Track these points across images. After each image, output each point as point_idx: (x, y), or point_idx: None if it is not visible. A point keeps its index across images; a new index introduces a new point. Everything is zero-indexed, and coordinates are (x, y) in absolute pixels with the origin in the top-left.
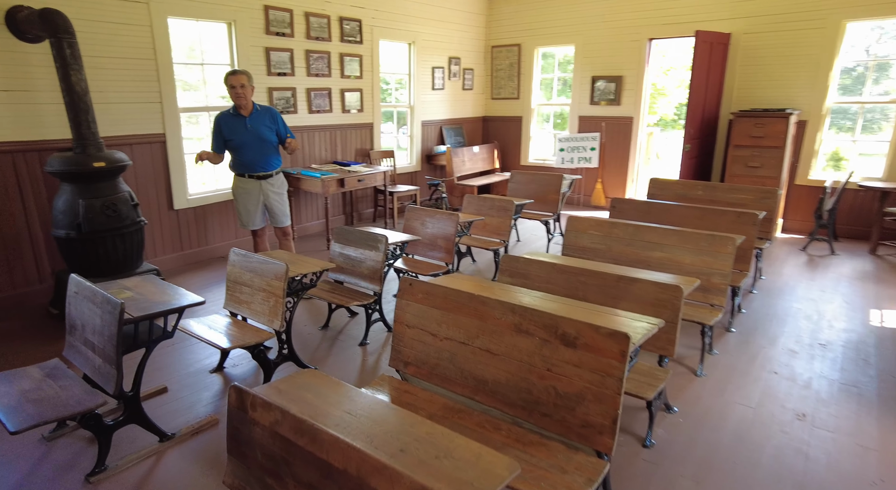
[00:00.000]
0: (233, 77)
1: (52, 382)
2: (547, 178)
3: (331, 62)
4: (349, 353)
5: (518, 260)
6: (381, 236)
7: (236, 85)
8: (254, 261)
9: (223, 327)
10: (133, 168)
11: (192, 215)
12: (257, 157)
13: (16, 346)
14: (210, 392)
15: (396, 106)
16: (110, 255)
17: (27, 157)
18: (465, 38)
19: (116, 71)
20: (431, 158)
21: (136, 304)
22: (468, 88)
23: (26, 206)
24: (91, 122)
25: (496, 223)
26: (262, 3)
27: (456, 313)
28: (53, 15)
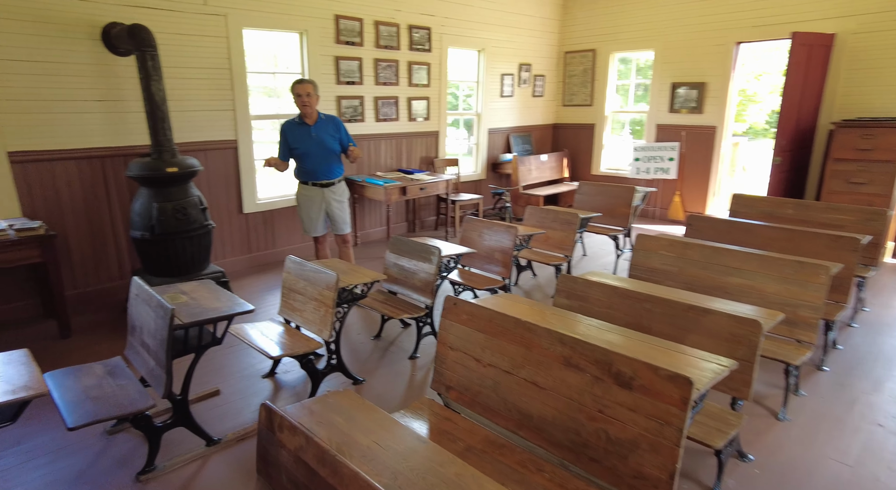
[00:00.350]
0: (299, 86)
1: (112, 381)
2: (617, 190)
3: (399, 71)
4: (398, 367)
5: (577, 281)
6: (435, 248)
7: (302, 93)
8: (307, 269)
9: (275, 334)
10: (206, 173)
11: (261, 219)
12: (320, 165)
13: (95, 338)
14: (259, 398)
15: (463, 114)
16: (179, 257)
17: (114, 161)
18: (537, 45)
19: (194, 80)
20: (497, 167)
21: (189, 310)
22: (538, 95)
23: (111, 207)
24: (167, 129)
25: (559, 237)
26: (333, 12)
27: (500, 339)
28: (140, 30)
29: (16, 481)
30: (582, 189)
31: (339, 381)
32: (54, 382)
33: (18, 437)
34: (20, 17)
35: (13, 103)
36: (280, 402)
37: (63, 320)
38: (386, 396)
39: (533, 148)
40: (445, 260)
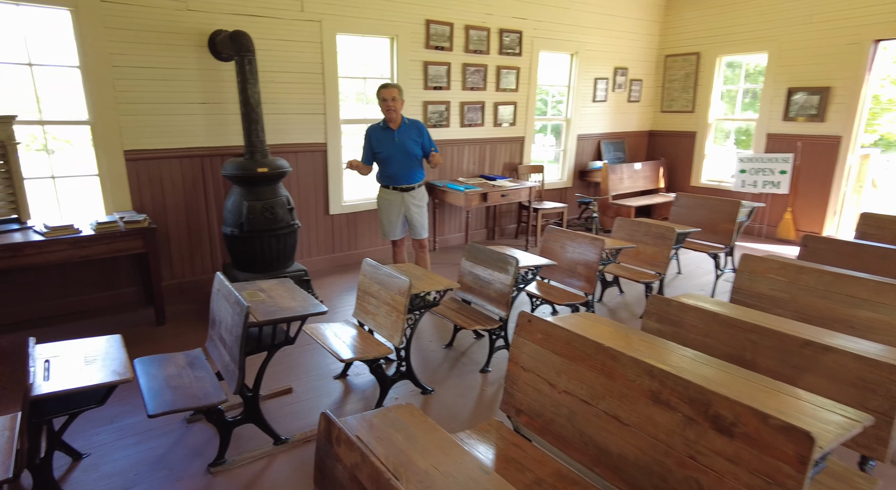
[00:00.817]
0: (384, 90)
1: (191, 372)
2: (720, 204)
3: (487, 75)
4: (468, 379)
5: (670, 304)
6: (512, 258)
7: (387, 98)
8: (382, 273)
9: (348, 336)
10: (296, 174)
11: (345, 220)
12: (402, 169)
13: (185, 327)
14: (330, 399)
15: (551, 119)
16: (265, 254)
17: (213, 160)
18: (635, 48)
19: (288, 85)
20: (585, 174)
21: (265, 308)
22: (634, 100)
23: (208, 204)
24: (260, 131)
25: (651, 252)
26: (425, 17)
27: (579, 364)
28: (240, 36)
29: (107, 458)
30: (679, 201)
31: (407, 388)
32: (142, 368)
33: (114, 415)
34: (143, 28)
35: (131, 106)
36: (348, 405)
37: (159, 308)
38: (453, 410)
39: (626, 155)
40: (523, 271)
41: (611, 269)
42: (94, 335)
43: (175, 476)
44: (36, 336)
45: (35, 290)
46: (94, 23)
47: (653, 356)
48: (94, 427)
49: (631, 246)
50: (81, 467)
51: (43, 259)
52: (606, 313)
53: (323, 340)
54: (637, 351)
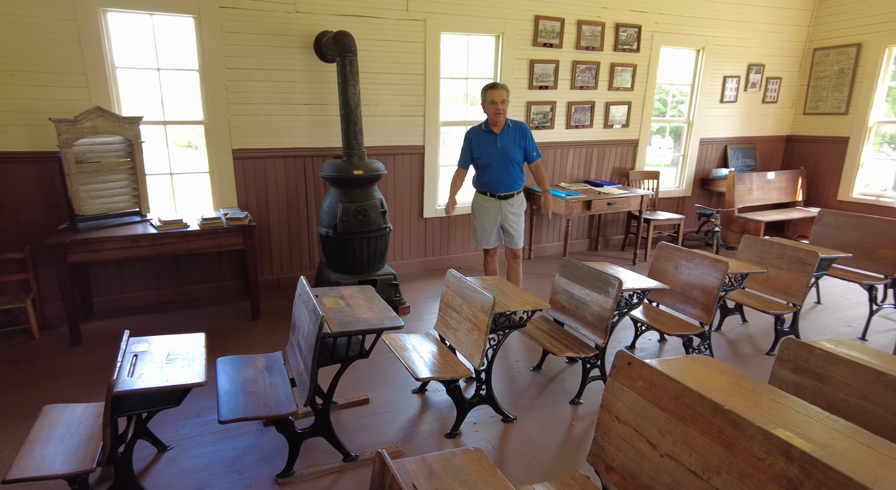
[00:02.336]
0: (494, 91)
1: (267, 377)
2: (880, 224)
3: (599, 73)
4: (556, 410)
5: (812, 351)
6: (615, 278)
7: (497, 100)
8: (466, 286)
9: (427, 351)
10: (392, 176)
11: (438, 225)
12: (502, 176)
13: (277, 324)
14: (406, 415)
15: (670, 121)
16: (356, 255)
17: (314, 161)
18: (775, 41)
19: (389, 86)
20: (707, 183)
21: (342, 317)
22: (770, 101)
23: (308, 203)
24: (358, 132)
25: (785, 279)
26: (534, 13)
27: (689, 425)
28: (343, 36)
29: (188, 453)
30: (824, 219)
31: (487, 413)
32: (222, 369)
33: (200, 409)
34: (254, 31)
35: (240, 106)
36: (423, 425)
37: (254, 304)
38: (535, 445)
39: (757, 163)
40: (627, 293)
41: (734, 296)
42: (196, 323)
43: (244, 482)
44: (148, 321)
45: (154, 278)
46: (213, 28)
47: (789, 424)
48: (182, 419)
49: (760, 271)
50: (164, 460)
51: (155, 251)
52: (725, 346)
53: (401, 353)
54: (767, 415)
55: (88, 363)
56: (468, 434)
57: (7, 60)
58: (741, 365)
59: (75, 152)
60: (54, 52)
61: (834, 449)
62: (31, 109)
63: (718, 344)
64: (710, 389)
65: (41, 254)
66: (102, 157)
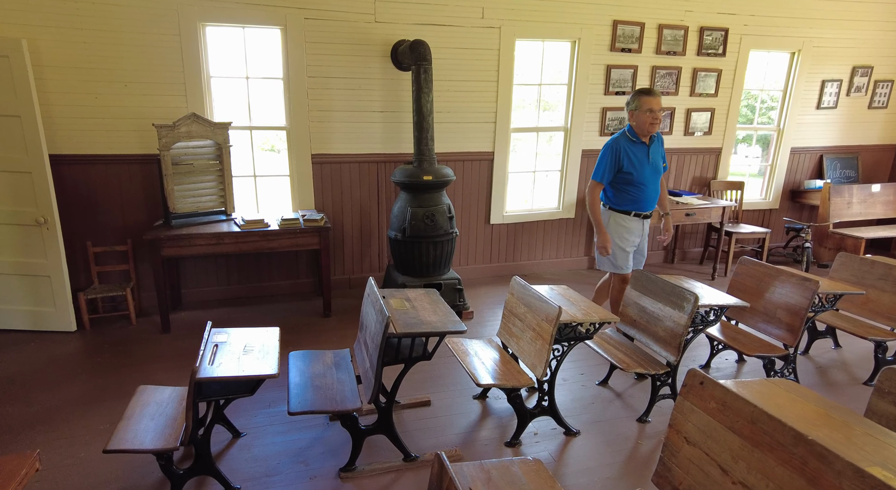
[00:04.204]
0: (653, 99)
1: (335, 373)
2: None
3: (680, 78)
4: (622, 427)
5: None
6: (690, 293)
7: (656, 108)
8: (530, 294)
9: (489, 358)
10: (461, 182)
11: (505, 231)
12: (652, 192)
13: (346, 322)
14: (467, 420)
15: (758, 128)
16: (423, 259)
17: (387, 166)
18: (884, 40)
19: (462, 93)
20: (798, 195)
21: (407, 319)
22: (878, 106)
23: (380, 207)
24: (430, 139)
25: (889, 302)
26: (612, 17)
27: (766, 453)
28: (419, 45)
29: (259, 441)
30: None
31: (549, 425)
32: (294, 363)
33: (272, 400)
34: (335, 40)
35: (320, 113)
36: (483, 431)
37: (326, 301)
38: (598, 461)
39: (859, 175)
40: (703, 309)
41: (825, 317)
42: (272, 317)
43: (309, 473)
44: (229, 314)
45: (236, 273)
46: (297, 38)
47: (888, 464)
48: (255, 408)
49: (859, 292)
50: (238, 445)
51: (238, 248)
52: (813, 371)
53: (463, 358)
54: (859, 449)
55: (176, 350)
56: (528, 444)
57: (123, 73)
58: (831, 393)
59: (172, 155)
60: (160, 64)
61: None
62: (140, 116)
63: (805, 369)
64: (792, 417)
65: (140, 247)
66: (195, 160)
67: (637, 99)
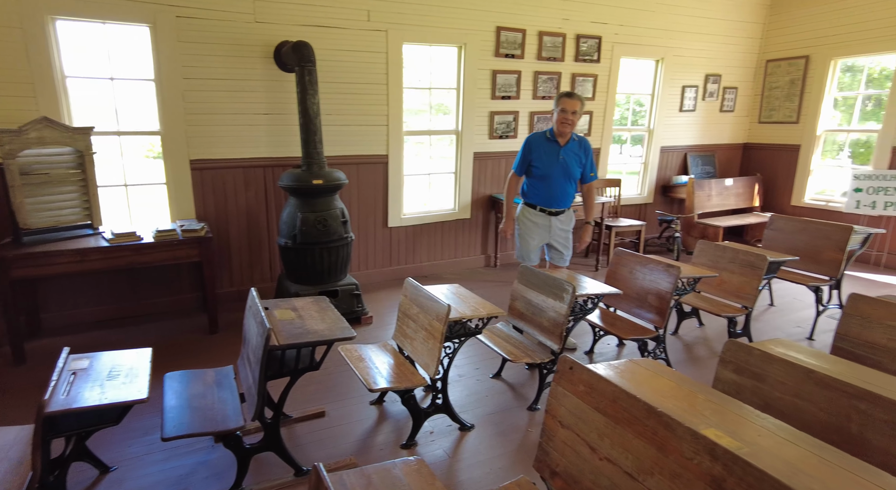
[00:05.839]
0: (569, 100)
1: (216, 391)
2: (826, 228)
3: (560, 84)
4: (514, 417)
5: (751, 352)
6: (568, 285)
7: (569, 110)
8: (422, 295)
9: (383, 362)
10: (356, 186)
11: (404, 234)
12: (558, 191)
13: (235, 337)
14: (363, 427)
15: (632, 129)
16: (317, 266)
17: (274, 171)
18: (731, 52)
19: (351, 95)
20: (668, 190)
21: (292, 329)
22: (727, 110)
23: (268, 214)
24: (318, 142)
25: (738, 282)
26: (496, 24)
27: (625, 428)
28: (302, 46)
29: (132, 474)
30: (775, 224)
31: (444, 422)
32: (170, 384)
33: (148, 428)
34: (213, 41)
35: (199, 116)
36: (379, 436)
37: (212, 317)
38: (491, 453)
39: (716, 170)
40: (582, 299)
41: (688, 300)
42: (151, 337)
43: None
44: (100, 337)
45: (108, 293)
46: (169, 37)
47: (722, 424)
48: (130, 438)
49: (712, 275)
50: (107, 481)
51: (107, 264)
52: (681, 349)
53: (356, 364)
54: (701, 416)
55: (31, 382)
56: (424, 444)
57: None
58: (696, 367)
59: (20, 164)
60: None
61: (759, 446)
62: None
63: (675, 347)
64: (647, 392)
65: None
66: (51, 169)
67: (557, 99)
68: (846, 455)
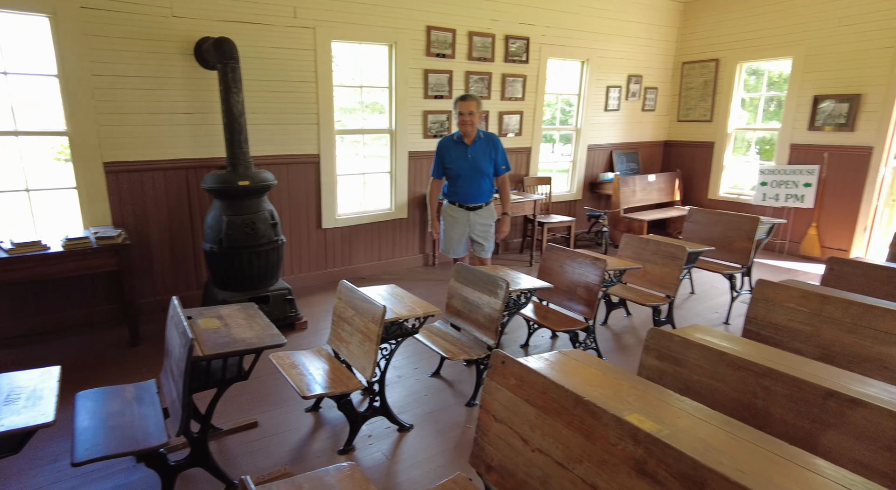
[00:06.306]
0: (462, 103)
1: (136, 408)
2: (737, 220)
3: (491, 83)
4: (453, 414)
5: (672, 339)
6: (502, 280)
7: (465, 112)
8: (357, 297)
9: (318, 367)
10: (287, 187)
11: (339, 235)
12: (472, 187)
13: (159, 349)
14: (298, 436)
15: (561, 129)
16: (245, 271)
17: (197, 173)
18: (650, 54)
19: (279, 94)
20: (596, 186)
21: (218, 338)
22: (649, 109)
23: (193, 218)
24: (243, 142)
25: (660, 273)
26: (426, 23)
27: (555, 418)
28: (224, 43)
29: None
30: (693, 217)
31: (383, 424)
32: (83, 404)
33: (57, 454)
34: (125, 35)
35: (113, 116)
36: (315, 444)
37: (133, 329)
38: (430, 452)
39: (640, 167)
40: (515, 294)
41: (616, 291)
42: (63, 354)
43: None
44: (5, 357)
45: (10, 308)
46: (73, 30)
47: (644, 409)
48: (37, 466)
49: (636, 267)
50: None
51: (7, 277)
52: (611, 338)
53: (289, 371)
54: (625, 402)
55: None
56: (362, 448)
57: None
58: (624, 355)
59: None
60: None
61: (677, 428)
62: None
63: (605, 337)
64: (577, 382)
65: None
66: None
67: (454, 104)
68: (751, 429)
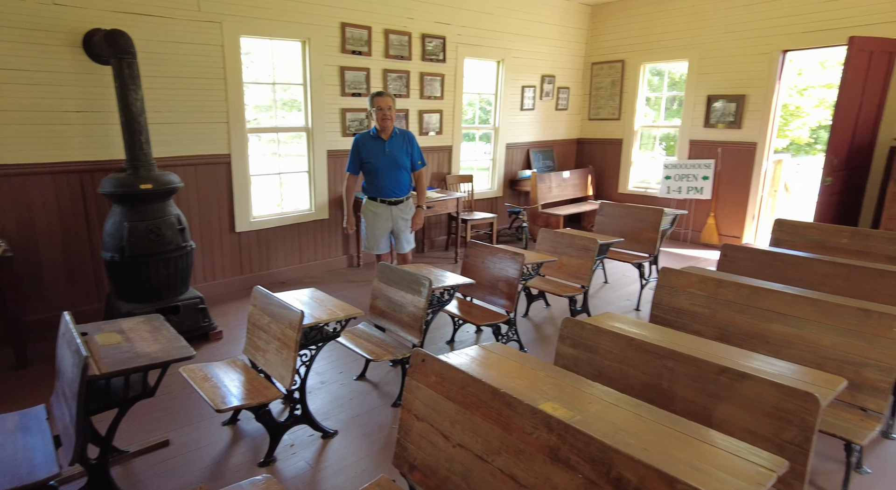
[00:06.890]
0: (380, 98)
1: (20, 438)
2: (643, 212)
3: (410, 82)
4: (378, 416)
5: (584, 327)
6: (425, 279)
7: (384, 107)
8: (272, 303)
9: (233, 379)
10: (195, 189)
11: (255, 238)
12: (391, 182)
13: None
14: (215, 451)
15: (480, 128)
16: (152, 280)
17: (94, 176)
18: (562, 55)
19: (184, 91)
20: (515, 184)
21: (118, 354)
22: (562, 108)
23: (90, 225)
24: (144, 142)
25: (575, 264)
26: (340, 20)
27: (474, 413)
28: (118, 36)
29: None
30: (604, 210)
31: (306, 432)
32: None
33: None
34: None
35: None
36: (233, 458)
37: (18, 349)
38: (355, 456)
39: (555, 164)
40: (438, 292)
41: (534, 283)
42: None
43: None
44: None
45: None
46: None
47: (559, 397)
48: None
49: (551, 260)
50: None
51: None
52: (532, 330)
53: (201, 385)
54: (541, 392)
55: None
56: (284, 458)
57: None
58: (544, 345)
59: None
60: None
61: (589, 413)
62: None
63: (526, 328)
64: (495, 375)
65: None
66: None
67: (371, 100)
68: (657, 409)
